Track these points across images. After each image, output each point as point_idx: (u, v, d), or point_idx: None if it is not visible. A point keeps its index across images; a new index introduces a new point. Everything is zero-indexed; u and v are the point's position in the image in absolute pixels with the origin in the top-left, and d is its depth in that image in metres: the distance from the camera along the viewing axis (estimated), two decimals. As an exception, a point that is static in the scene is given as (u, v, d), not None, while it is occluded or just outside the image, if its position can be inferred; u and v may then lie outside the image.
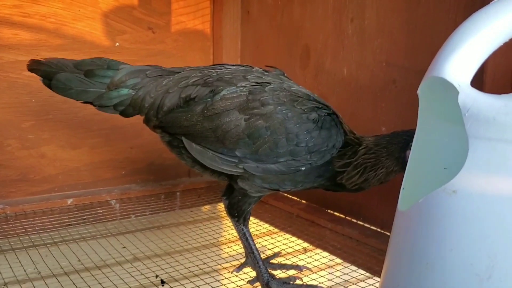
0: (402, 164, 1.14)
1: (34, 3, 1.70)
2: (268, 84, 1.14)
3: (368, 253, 1.42)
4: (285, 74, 1.27)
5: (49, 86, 1.19)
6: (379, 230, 1.54)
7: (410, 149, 1.04)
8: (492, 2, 0.80)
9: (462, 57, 0.76)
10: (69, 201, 1.78)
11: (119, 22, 1.88)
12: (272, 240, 1.57)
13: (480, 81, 1.08)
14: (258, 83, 1.14)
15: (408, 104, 1.44)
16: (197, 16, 2.07)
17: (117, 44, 1.89)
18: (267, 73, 1.22)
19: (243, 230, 1.27)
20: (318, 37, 1.72)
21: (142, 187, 1.96)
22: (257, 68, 1.24)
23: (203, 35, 2.11)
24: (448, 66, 0.76)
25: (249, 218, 1.28)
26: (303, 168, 1.15)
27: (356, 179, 1.18)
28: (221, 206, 1.90)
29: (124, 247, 1.47)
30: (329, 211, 1.73)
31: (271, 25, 1.93)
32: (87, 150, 1.88)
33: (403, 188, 0.85)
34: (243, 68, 1.23)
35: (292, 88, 1.16)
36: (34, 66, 1.20)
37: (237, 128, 1.10)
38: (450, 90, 0.75)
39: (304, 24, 1.77)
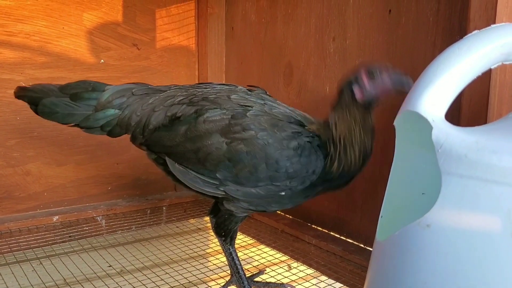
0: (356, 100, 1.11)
1: (18, 22, 1.70)
2: (250, 108, 1.15)
3: (352, 270, 1.44)
4: (267, 93, 1.29)
5: (36, 111, 1.20)
6: (362, 245, 1.56)
7: (357, 83, 1.08)
8: (465, 36, 0.83)
9: (436, 91, 0.79)
10: (55, 218, 1.78)
11: (103, 39, 1.89)
12: (258, 251, 1.60)
13: (458, 105, 1.12)
14: (241, 105, 1.16)
15: (389, 123, 1.46)
16: (182, 32, 2.09)
17: (102, 61, 1.89)
18: (250, 93, 1.24)
19: (229, 249, 1.29)
20: (301, 55, 1.74)
21: (128, 202, 1.97)
22: (240, 87, 1.26)
23: (188, 51, 2.12)
24: (423, 100, 0.78)
25: (235, 237, 1.30)
26: (283, 193, 1.16)
27: (342, 156, 1.14)
28: (207, 218, 1.91)
29: (109, 266, 1.48)
30: (313, 226, 1.75)
31: (255, 42, 1.96)
32: (73, 167, 1.88)
33: (381, 216, 0.87)
34: (227, 87, 1.25)
35: (273, 110, 1.17)
36: (21, 93, 1.22)
37: (218, 151, 1.12)
38: (425, 123, 0.78)
39: (287, 42, 1.80)
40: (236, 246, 1.31)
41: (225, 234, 1.27)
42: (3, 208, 1.74)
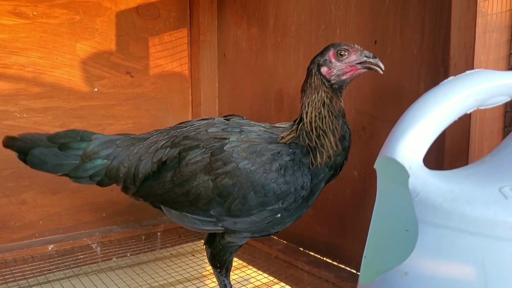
0: (325, 79, 1.13)
1: (12, 54, 1.73)
2: (227, 141, 1.16)
3: (344, 298, 1.46)
4: (244, 118, 1.30)
5: (25, 161, 1.22)
6: (354, 271, 1.58)
7: (325, 64, 1.10)
8: (441, 83, 0.86)
9: (414, 137, 0.81)
10: (50, 247, 1.79)
11: (97, 68, 1.91)
12: (254, 273, 1.63)
13: (442, 141, 1.14)
14: (219, 138, 1.18)
15: (377, 151, 1.49)
16: (175, 59, 2.12)
17: (96, 89, 1.92)
18: (227, 122, 1.25)
19: (224, 281, 1.31)
20: (291, 82, 1.77)
21: (123, 228, 1.98)
22: (218, 119, 1.28)
23: (181, 77, 2.15)
24: (400, 146, 0.81)
25: (230, 269, 1.32)
26: (279, 215, 1.18)
27: (319, 146, 1.15)
28: (202, 242, 1.93)
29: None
30: (306, 251, 1.76)
31: (247, 69, 1.99)
32: (67, 195, 1.89)
33: (365, 257, 0.89)
34: (205, 122, 1.28)
35: (250, 136, 1.18)
36: (9, 143, 1.24)
37: (206, 189, 1.15)
38: (403, 169, 0.80)
39: (277, 69, 1.83)
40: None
41: (221, 266, 1.29)
42: (-2, 238, 1.76)
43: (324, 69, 1.12)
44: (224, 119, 1.27)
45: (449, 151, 1.10)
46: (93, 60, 1.90)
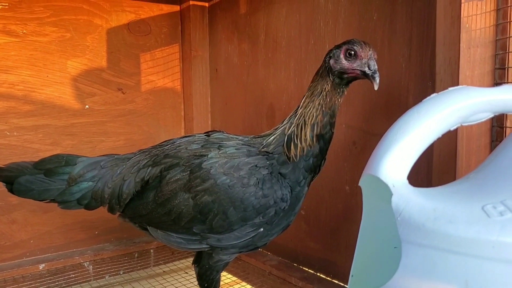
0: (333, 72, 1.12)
1: (2, 72, 1.73)
2: (205, 157, 1.16)
3: (336, 315, 1.44)
4: (225, 132, 1.29)
5: (11, 190, 1.21)
6: (347, 287, 1.56)
7: (333, 57, 1.10)
8: (424, 100, 0.85)
9: (397, 155, 0.80)
10: (41, 266, 1.77)
11: (88, 85, 1.91)
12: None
13: (429, 156, 1.13)
14: (197, 156, 1.17)
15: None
16: (166, 75, 2.12)
17: (87, 106, 1.92)
18: (207, 138, 1.25)
19: None
20: (282, 97, 1.77)
21: (116, 246, 1.96)
22: (198, 135, 1.28)
23: (173, 92, 2.15)
24: (384, 164, 0.80)
25: (218, 287, 1.30)
26: (261, 229, 1.17)
27: (297, 136, 1.14)
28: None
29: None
30: (300, 267, 1.75)
31: (238, 84, 1.99)
32: (59, 213, 1.88)
33: (352, 276, 0.88)
34: (186, 139, 1.27)
35: (228, 152, 1.17)
36: None
37: (187, 207, 1.15)
38: (387, 186, 0.79)
39: (268, 84, 1.83)
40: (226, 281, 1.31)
41: (208, 286, 1.27)
42: (-12, 258, 1.74)
43: (332, 61, 1.12)
44: (205, 135, 1.27)
45: (437, 168, 1.09)
46: (84, 77, 1.90)
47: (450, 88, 0.84)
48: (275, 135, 1.19)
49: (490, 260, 0.65)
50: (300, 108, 1.16)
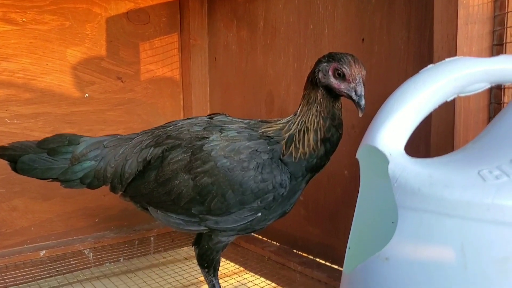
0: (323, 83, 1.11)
1: (2, 60, 1.73)
2: (206, 140, 1.17)
3: (336, 297, 1.45)
4: (227, 115, 1.30)
5: (15, 169, 1.23)
6: (347, 271, 1.57)
7: (322, 71, 1.08)
8: (420, 71, 0.86)
9: (394, 125, 0.81)
10: (42, 253, 1.78)
11: (87, 73, 1.92)
12: (245, 281, 1.60)
13: (428, 132, 1.14)
14: (199, 137, 1.18)
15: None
16: (166, 64, 2.12)
17: (87, 95, 1.92)
18: (210, 121, 1.26)
19: (212, 281, 1.31)
20: (281, 84, 1.77)
21: (116, 234, 1.97)
22: (201, 118, 1.29)
23: (172, 81, 2.16)
24: (381, 135, 0.80)
25: (218, 268, 1.31)
26: (259, 214, 1.17)
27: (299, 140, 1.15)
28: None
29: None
30: (299, 252, 1.75)
31: (237, 72, 1.99)
32: (59, 200, 1.89)
33: (349, 248, 0.88)
34: (189, 121, 1.28)
35: (230, 135, 1.17)
36: (0, 152, 1.25)
37: (187, 188, 1.15)
38: (384, 155, 0.80)
39: (267, 71, 1.83)
40: (224, 272, 1.32)
41: (208, 265, 1.28)
42: (-11, 244, 1.75)
43: (320, 74, 1.11)
44: (208, 118, 1.28)
45: (435, 143, 1.10)
46: (83, 65, 1.91)
47: (447, 59, 0.85)
48: (279, 124, 1.19)
49: (485, 223, 0.65)
50: (298, 117, 1.15)
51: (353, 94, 1.07)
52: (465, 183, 0.69)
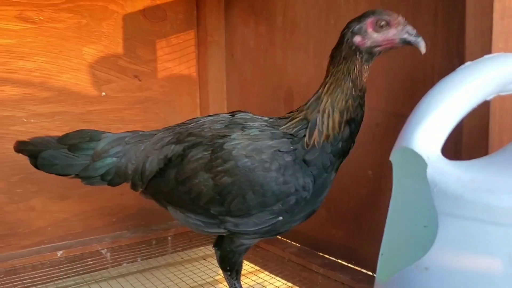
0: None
1: (19, 59, 1.71)
2: (228, 138, 1.13)
3: (360, 300, 1.41)
4: (250, 113, 1.26)
5: (35, 165, 1.21)
6: (370, 273, 1.53)
7: (359, 33, 1.02)
8: (458, 68, 0.81)
9: (431, 126, 0.77)
10: (59, 253, 1.76)
11: (104, 72, 1.90)
12: (265, 282, 1.58)
13: (459, 134, 1.09)
14: (221, 136, 1.14)
15: (391, 146, 1.44)
16: (182, 62, 2.09)
17: (104, 93, 1.90)
18: (232, 118, 1.22)
19: (235, 285, 1.28)
20: (301, 81, 1.73)
21: (133, 233, 1.95)
22: (223, 115, 1.25)
23: (189, 79, 2.13)
24: (417, 136, 0.76)
25: (241, 271, 1.28)
26: (281, 218, 1.13)
27: (323, 122, 1.09)
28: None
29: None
30: (320, 254, 1.71)
31: (255, 69, 1.95)
32: (77, 200, 1.87)
33: (381, 254, 0.85)
34: (210, 118, 1.25)
35: (252, 133, 1.13)
36: (21, 147, 1.24)
37: (207, 187, 1.12)
38: (421, 159, 0.75)
39: (286, 68, 1.79)
40: (242, 272, 1.29)
41: (230, 268, 1.25)
42: (7, 245, 1.73)
43: (357, 38, 1.05)
44: (230, 115, 1.24)
45: (467, 144, 1.05)
46: (100, 64, 1.89)
47: (486, 56, 0.80)
48: (299, 115, 1.15)
49: (535, 231, 0.61)
50: (324, 95, 1.10)
51: (406, 36, 1.03)
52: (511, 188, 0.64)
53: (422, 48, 1.02)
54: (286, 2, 1.77)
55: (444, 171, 0.71)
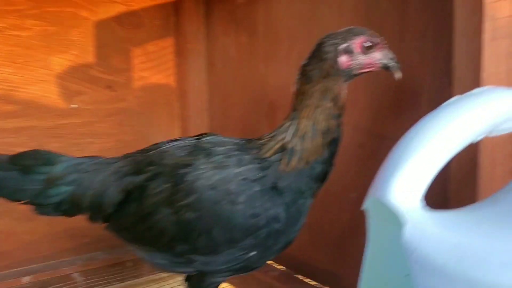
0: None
1: (-20, 71, 1.60)
2: (191, 167, 1.02)
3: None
4: (218, 135, 1.14)
5: None
6: (355, 303, 1.42)
7: (347, 52, 0.96)
8: (443, 104, 0.70)
9: (410, 174, 0.66)
10: (26, 278, 1.65)
11: (75, 82, 1.78)
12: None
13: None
14: (185, 164, 1.03)
15: (375, 169, 1.34)
16: (160, 70, 1.97)
17: (75, 106, 1.78)
18: (196, 143, 1.10)
19: None
20: (283, 94, 1.62)
21: (108, 254, 1.84)
22: (189, 140, 1.13)
23: (167, 89, 2.01)
24: (393, 186, 0.65)
25: None
26: (254, 253, 1.02)
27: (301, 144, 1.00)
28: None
29: None
30: (304, 280, 1.61)
31: (236, 80, 1.84)
32: (45, 220, 1.73)
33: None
34: (174, 144, 1.13)
35: (218, 160, 1.02)
36: None
37: (169, 224, 1.01)
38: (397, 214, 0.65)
39: (268, 81, 1.68)
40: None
41: None
42: (-31, 270, 1.63)
43: (343, 58, 0.97)
44: (196, 139, 1.13)
45: (455, 179, 0.94)
46: (70, 74, 1.77)
47: (475, 90, 0.69)
48: (274, 140, 1.04)
49: (531, 315, 0.50)
50: (303, 117, 1.00)
51: (390, 62, 0.97)
52: (505, 258, 0.54)
53: (399, 74, 0.97)
54: (268, 11, 1.66)
55: (424, 232, 0.60)
